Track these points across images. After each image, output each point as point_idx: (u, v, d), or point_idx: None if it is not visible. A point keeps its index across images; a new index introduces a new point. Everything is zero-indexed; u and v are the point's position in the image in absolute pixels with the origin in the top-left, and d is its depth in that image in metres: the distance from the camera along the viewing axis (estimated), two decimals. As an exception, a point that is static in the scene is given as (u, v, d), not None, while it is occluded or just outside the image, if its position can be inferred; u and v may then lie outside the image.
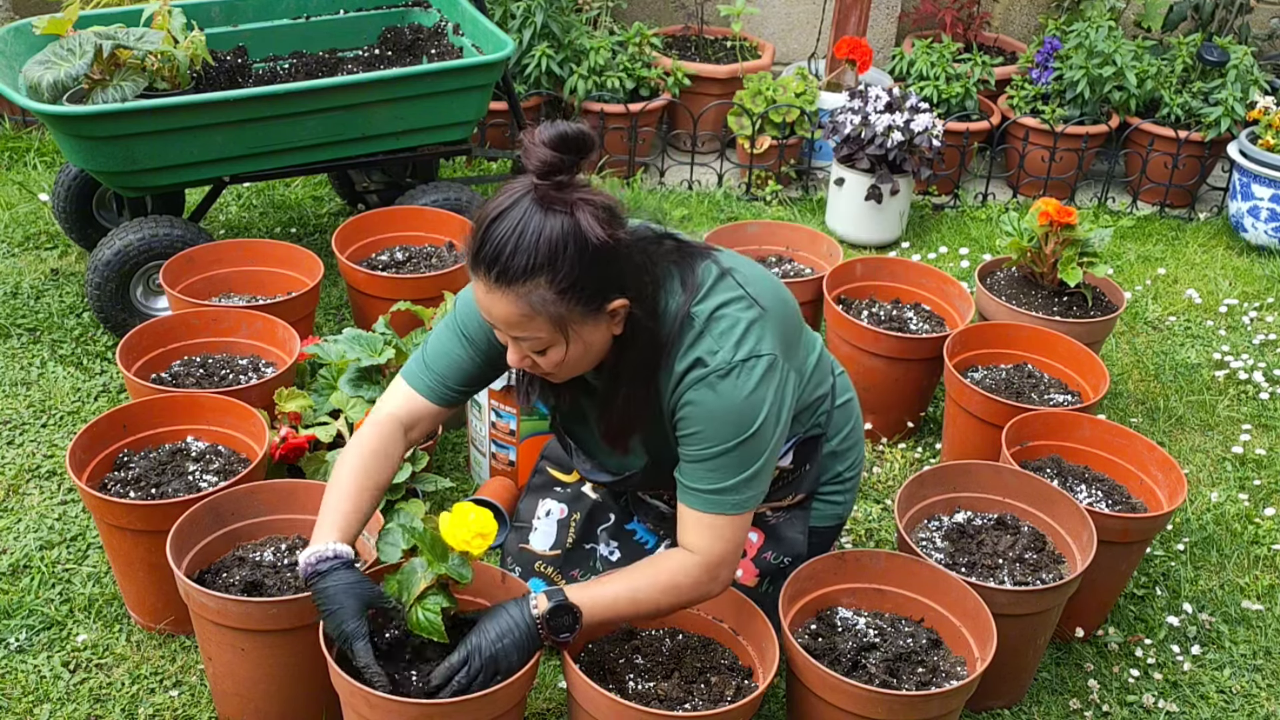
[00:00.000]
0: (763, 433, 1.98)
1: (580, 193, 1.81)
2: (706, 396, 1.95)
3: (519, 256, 1.79)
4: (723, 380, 1.94)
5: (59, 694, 2.35)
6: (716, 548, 2.02)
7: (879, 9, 4.98)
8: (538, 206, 1.79)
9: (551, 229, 1.78)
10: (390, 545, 2.04)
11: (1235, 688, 2.57)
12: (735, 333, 1.96)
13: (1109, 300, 3.38)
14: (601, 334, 1.92)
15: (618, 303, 1.88)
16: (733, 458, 1.98)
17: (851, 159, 4.14)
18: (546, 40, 4.48)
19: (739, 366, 1.94)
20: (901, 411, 3.23)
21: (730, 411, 1.95)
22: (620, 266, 1.85)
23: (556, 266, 1.79)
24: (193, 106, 3.12)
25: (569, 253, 1.79)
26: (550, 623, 1.99)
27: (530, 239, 1.78)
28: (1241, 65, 4.49)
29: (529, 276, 1.80)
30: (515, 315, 1.85)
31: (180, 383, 2.85)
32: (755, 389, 1.95)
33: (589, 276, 1.82)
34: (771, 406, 1.98)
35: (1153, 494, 2.66)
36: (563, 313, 1.84)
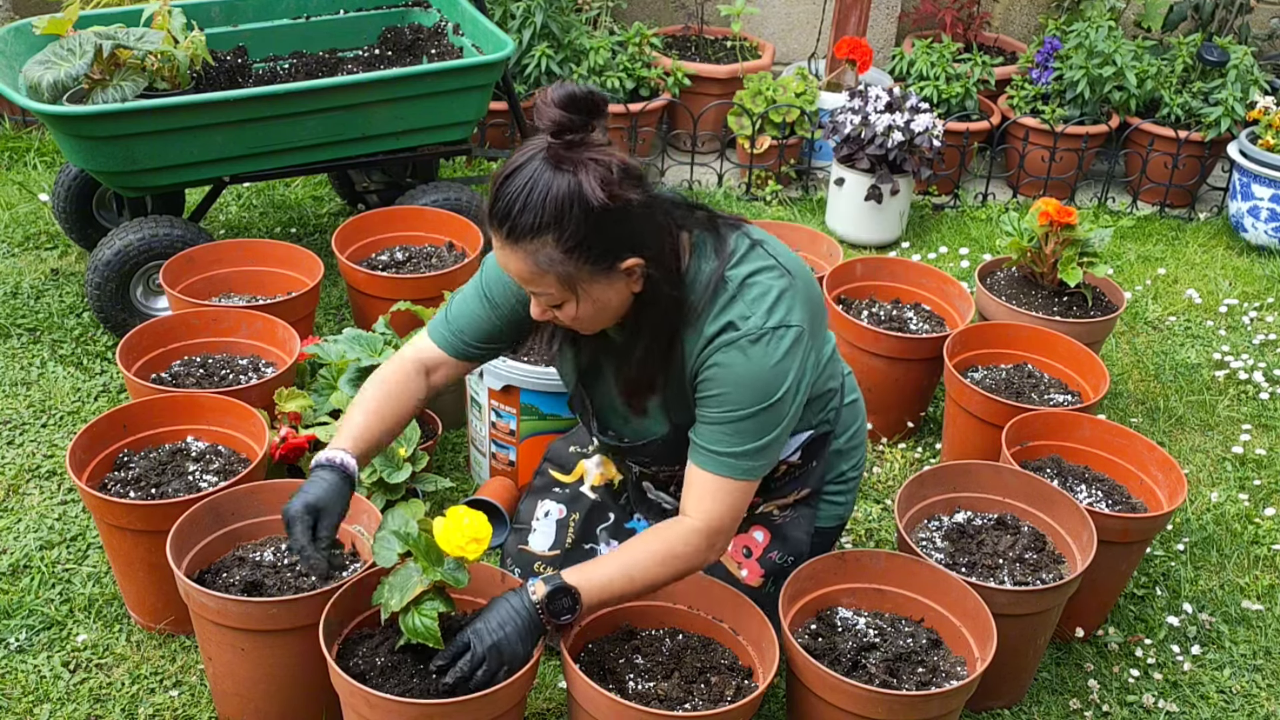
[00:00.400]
0: (783, 402, 2.00)
1: (593, 152, 1.83)
2: (735, 360, 1.97)
3: (526, 214, 1.82)
4: (753, 345, 1.97)
5: (59, 694, 2.35)
6: (718, 512, 2.03)
7: (879, 9, 4.98)
8: (548, 165, 1.82)
9: (558, 188, 1.81)
10: (385, 549, 2.03)
11: (1235, 688, 2.57)
12: (768, 299, 1.99)
13: (1109, 300, 3.38)
14: (617, 292, 1.94)
15: (630, 262, 1.89)
16: (752, 423, 2.00)
17: (851, 159, 4.14)
18: (546, 40, 4.48)
19: (770, 333, 1.97)
20: (901, 411, 3.23)
21: (756, 377, 1.97)
22: (632, 226, 1.87)
23: (563, 225, 1.82)
24: (193, 106, 3.12)
25: (574, 212, 1.81)
26: (549, 606, 1.98)
27: (537, 197, 1.81)
28: (1241, 65, 4.49)
29: (536, 234, 1.83)
30: (526, 271, 1.88)
31: (180, 383, 2.85)
32: (783, 358, 1.98)
33: (596, 236, 1.84)
34: (794, 378, 2.01)
35: (1153, 494, 2.66)
36: (571, 271, 1.86)
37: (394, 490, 2.64)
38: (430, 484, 2.72)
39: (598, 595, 2.01)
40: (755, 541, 2.37)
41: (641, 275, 1.93)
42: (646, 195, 1.89)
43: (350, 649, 2.11)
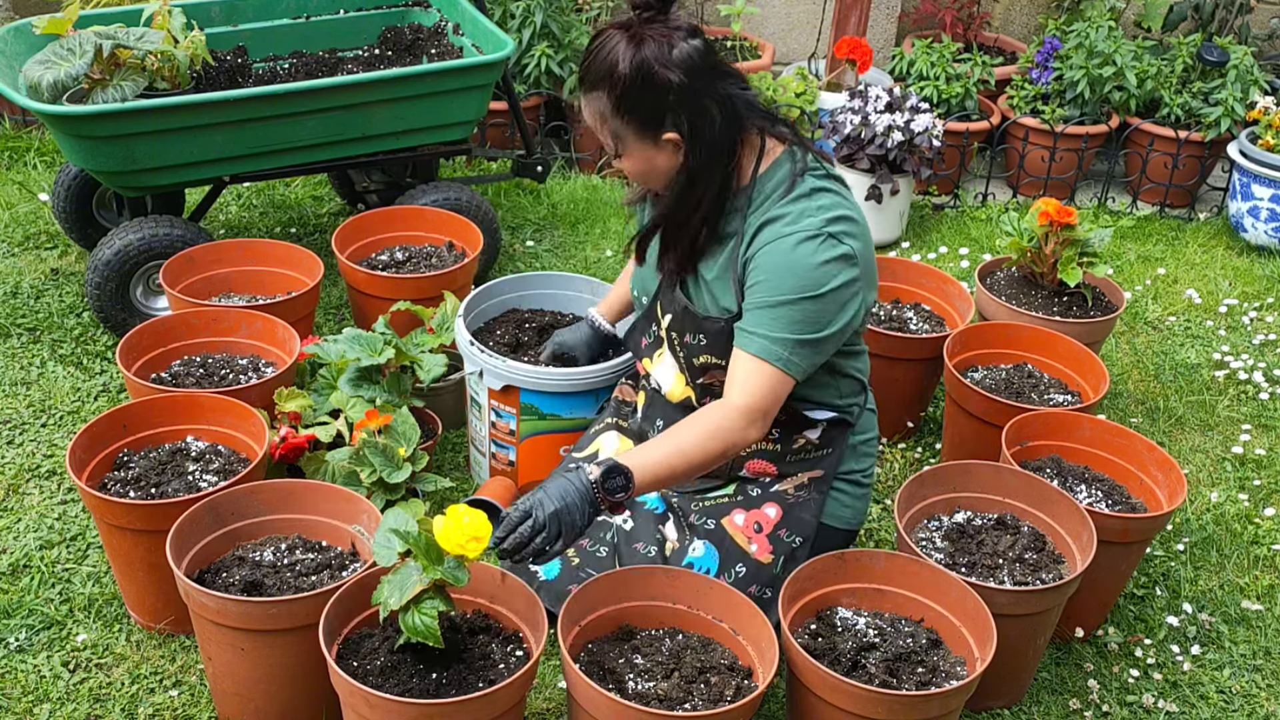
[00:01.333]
0: (825, 304, 2.14)
1: (660, 31, 2.09)
2: (783, 249, 2.15)
3: (590, 68, 2.14)
4: (803, 242, 2.14)
5: (59, 694, 2.35)
6: (758, 393, 2.18)
7: (879, 9, 4.98)
8: (620, 31, 2.11)
9: (613, 52, 2.10)
10: (385, 548, 2.03)
11: (1235, 688, 2.57)
12: (833, 212, 2.17)
13: (1109, 300, 3.38)
14: (664, 159, 2.18)
15: (669, 135, 2.14)
16: (795, 310, 2.15)
17: (851, 159, 4.14)
18: (546, 40, 4.48)
19: (823, 237, 2.14)
20: (901, 411, 3.23)
21: (798, 269, 2.13)
22: (673, 103, 2.11)
23: (610, 85, 2.10)
24: (193, 106, 3.12)
25: (616, 76, 2.09)
26: (604, 484, 2.09)
27: (602, 56, 2.11)
28: (1241, 65, 4.49)
29: (593, 88, 2.14)
30: (590, 117, 2.19)
31: (180, 382, 2.85)
32: (827, 263, 2.13)
33: (636, 102, 2.11)
34: (839, 289, 2.15)
35: (1153, 494, 2.66)
36: (618, 127, 2.15)
37: (394, 490, 2.64)
38: (430, 484, 2.72)
39: (651, 472, 2.14)
40: (767, 517, 2.41)
41: (682, 151, 2.15)
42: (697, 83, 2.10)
43: (350, 649, 2.11)
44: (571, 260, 3.97)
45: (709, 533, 2.40)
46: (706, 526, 2.41)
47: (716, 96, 2.14)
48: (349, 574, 2.28)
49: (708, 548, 2.39)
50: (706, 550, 2.38)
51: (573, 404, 2.76)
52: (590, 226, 4.17)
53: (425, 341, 2.94)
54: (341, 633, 2.14)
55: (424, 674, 2.04)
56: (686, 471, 2.19)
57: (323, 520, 2.42)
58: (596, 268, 3.92)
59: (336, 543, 2.40)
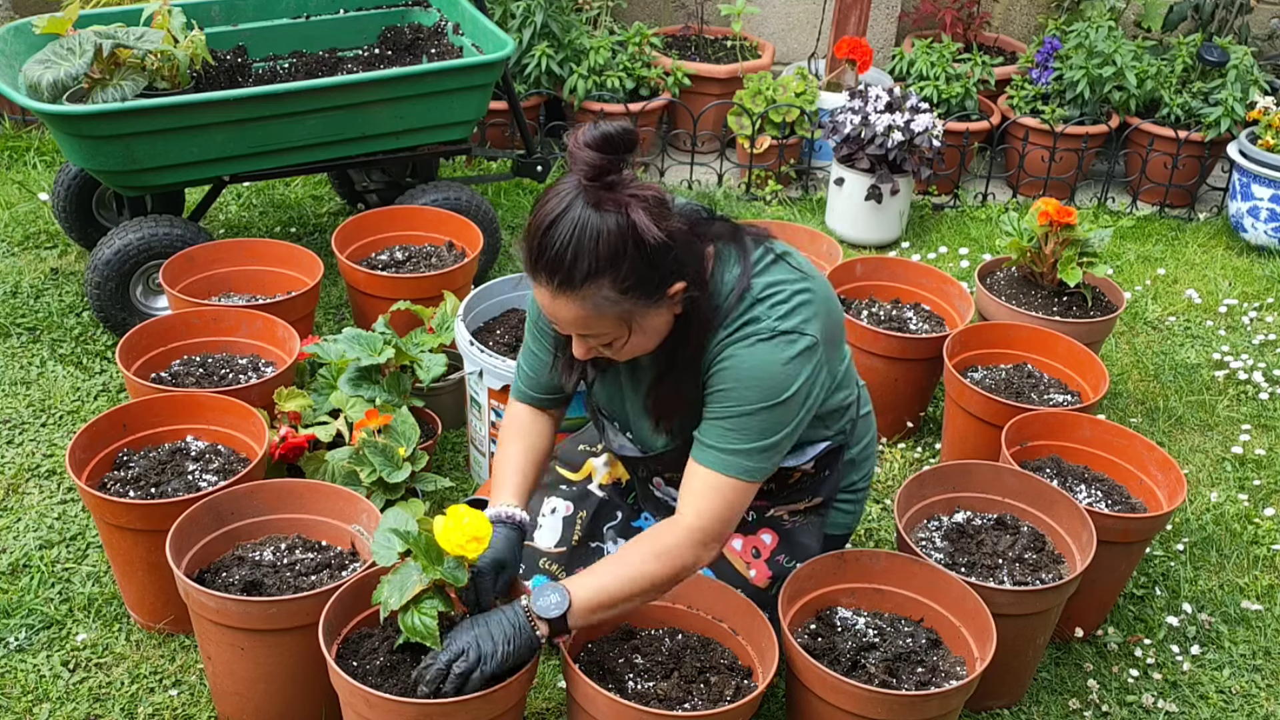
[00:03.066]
0: (789, 405, 2.00)
1: (630, 189, 1.84)
2: (744, 355, 1.97)
3: (581, 261, 1.82)
4: (763, 344, 1.97)
5: (58, 693, 2.35)
6: (715, 510, 2.01)
7: (879, 9, 4.98)
8: (591, 209, 1.81)
9: (609, 231, 1.81)
10: (385, 548, 2.03)
11: (1235, 688, 2.57)
12: (786, 306, 2.00)
13: (1109, 300, 3.38)
14: (664, 318, 1.96)
15: (677, 287, 1.91)
16: (755, 421, 1.99)
17: (851, 159, 4.14)
18: (546, 40, 4.48)
19: (781, 336, 1.98)
20: (901, 411, 3.23)
21: (763, 375, 1.97)
22: (677, 254, 1.88)
23: (618, 266, 1.83)
24: (192, 106, 3.12)
25: (629, 252, 1.82)
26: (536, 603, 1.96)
27: (590, 243, 1.81)
28: (1241, 65, 4.49)
29: (591, 279, 1.83)
30: (581, 317, 1.89)
31: (180, 382, 2.85)
32: (792, 360, 1.98)
33: (651, 270, 1.85)
34: (804, 384, 2.01)
35: (1152, 494, 2.66)
36: (628, 308, 1.89)
37: (394, 490, 2.64)
38: (430, 483, 2.72)
39: (588, 592, 1.98)
40: (763, 544, 2.37)
41: (683, 297, 1.95)
42: (681, 219, 1.91)
43: (350, 649, 2.11)
44: (571, 260, 3.96)
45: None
46: None
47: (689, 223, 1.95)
48: (349, 574, 2.28)
49: (704, 571, 2.36)
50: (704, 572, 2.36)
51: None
52: (590, 226, 4.16)
53: (425, 341, 2.94)
54: (341, 632, 2.14)
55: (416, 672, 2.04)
56: (630, 594, 2.01)
57: (322, 520, 2.42)
58: (596, 267, 3.91)
59: (336, 542, 2.40)
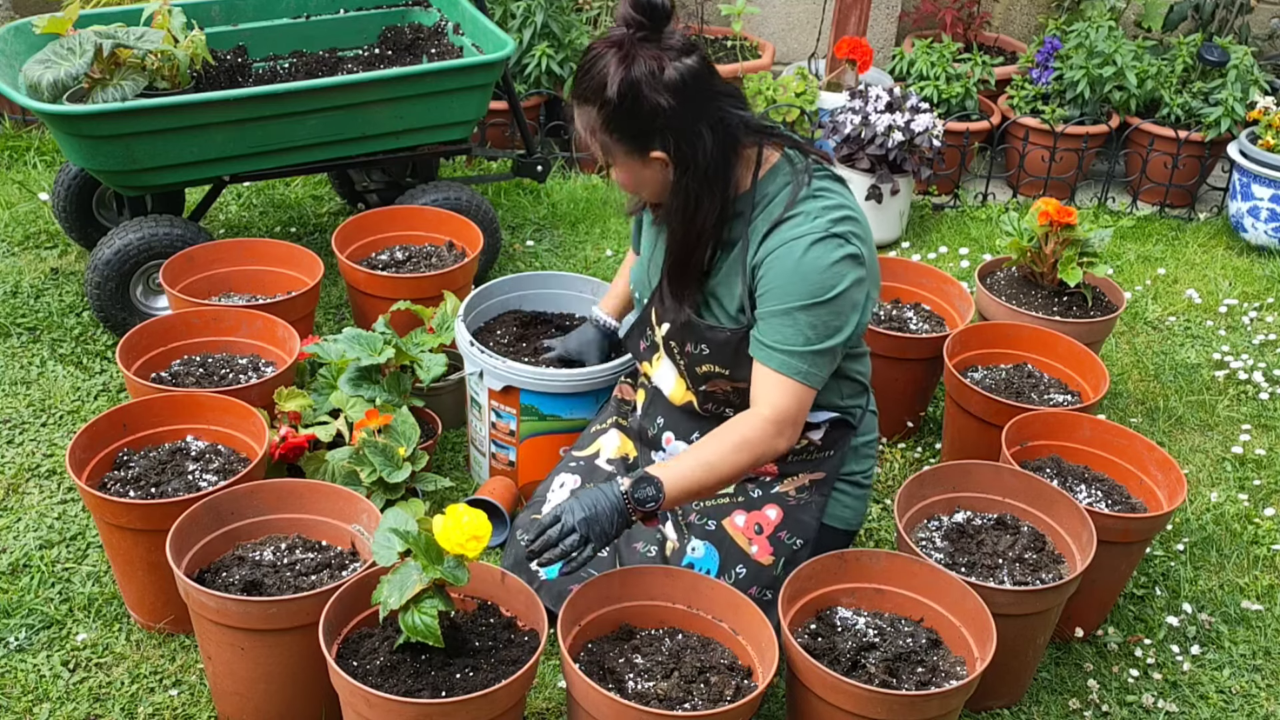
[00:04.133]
0: (837, 306, 2.15)
1: (653, 51, 2.05)
2: (792, 254, 2.14)
3: (581, 83, 2.12)
4: (812, 246, 2.13)
5: (58, 693, 2.35)
6: (784, 404, 2.18)
7: (879, 9, 4.98)
8: (615, 50, 2.07)
9: (604, 70, 2.07)
10: (385, 547, 2.04)
11: (1235, 688, 2.57)
12: (837, 212, 2.17)
13: (1109, 300, 3.38)
14: (651, 174, 2.16)
15: (656, 153, 2.11)
16: (807, 316, 2.15)
17: (852, 159, 4.14)
18: (547, 40, 4.48)
19: (830, 238, 2.14)
20: (901, 411, 3.23)
21: (810, 273, 2.13)
22: (661, 125, 2.08)
23: (600, 102, 2.08)
24: (193, 106, 3.12)
25: (609, 94, 2.06)
26: (634, 494, 2.11)
27: (594, 72, 2.08)
28: (1242, 65, 4.49)
29: (584, 102, 2.12)
30: (581, 127, 2.17)
31: (180, 382, 2.85)
32: (837, 264, 2.13)
33: (625, 121, 2.09)
34: (849, 290, 2.15)
35: (1152, 494, 2.66)
36: (607, 141, 2.14)
37: (394, 490, 2.64)
38: (430, 484, 2.72)
39: (680, 484, 2.14)
40: (767, 519, 2.41)
41: (670, 169, 2.13)
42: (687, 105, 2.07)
43: (350, 648, 2.11)
44: (571, 260, 3.97)
45: (709, 533, 2.40)
46: (707, 527, 2.41)
47: (709, 118, 2.11)
48: (349, 574, 2.28)
49: (708, 548, 2.39)
50: (707, 551, 2.39)
51: (573, 404, 2.76)
52: (590, 226, 4.17)
53: (425, 341, 2.94)
54: (341, 632, 2.14)
55: (423, 673, 2.04)
56: (716, 484, 2.19)
57: (323, 520, 2.42)
58: (596, 268, 3.92)
59: (336, 542, 2.40)
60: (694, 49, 2.10)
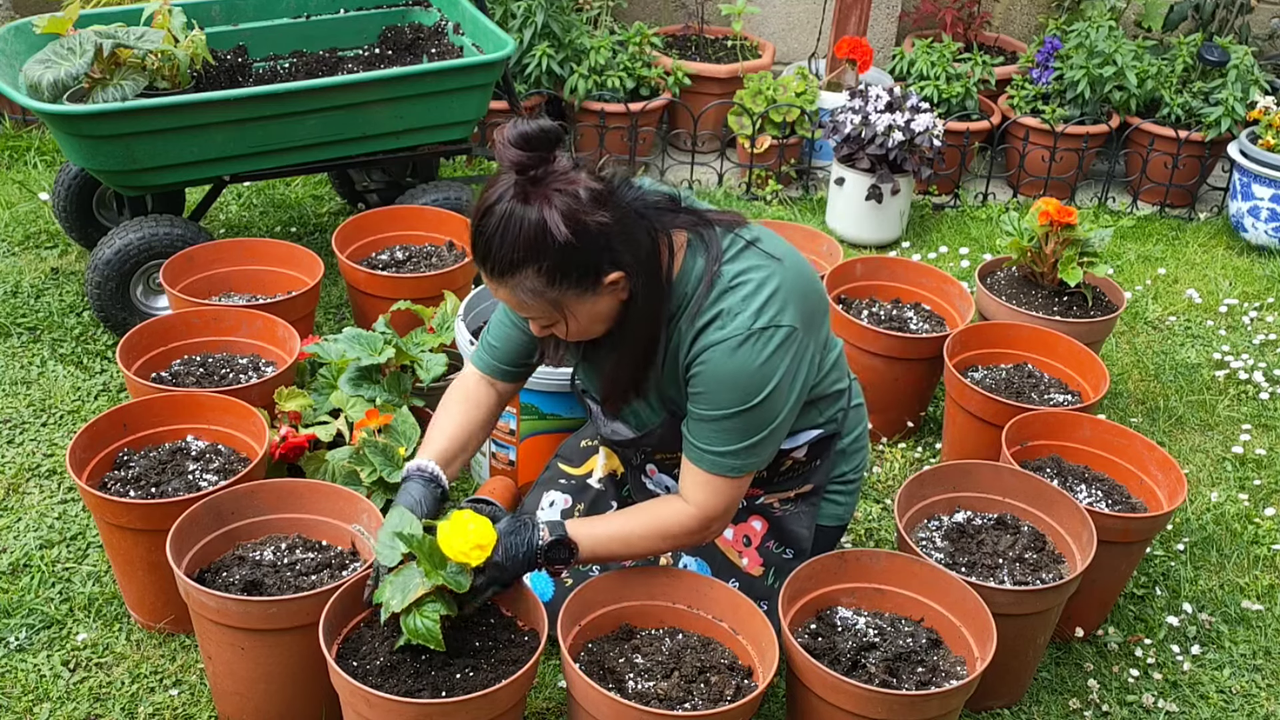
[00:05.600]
0: (770, 402, 2.05)
1: (558, 183, 1.89)
2: (721, 360, 2.02)
3: (504, 251, 1.90)
4: (740, 347, 2.01)
5: (59, 693, 2.35)
6: (712, 503, 2.13)
7: (879, 9, 4.98)
8: (519, 201, 1.89)
9: (530, 223, 1.88)
10: (388, 549, 2.03)
11: (1235, 688, 2.57)
12: (758, 298, 2.02)
13: (1109, 300, 3.38)
14: (605, 303, 2.01)
15: (613, 276, 1.96)
16: (738, 422, 2.05)
17: (852, 158, 4.14)
18: (547, 40, 4.48)
19: (757, 334, 2.01)
20: (901, 411, 3.23)
21: (740, 378, 2.02)
22: (607, 244, 1.93)
23: (540, 257, 1.90)
24: (193, 106, 3.12)
25: (548, 243, 1.88)
26: (548, 554, 2.10)
27: (513, 234, 1.89)
28: (1242, 65, 4.49)
29: (516, 269, 1.91)
30: (514, 302, 1.99)
31: (180, 382, 2.85)
32: (769, 359, 2.02)
33: (573, 262, 1.91)
34: (784, 377, 2.04)
35: (1153, 494, 2.66)
36: (556, 296, 1.95)
37: (394, 490, 2.64)
38: (430, 483, 2.71)
39: (593, 551, 2.14)
40: (754, 530, 2.40)
41: (626, 285, 1.99)
42: (617, 213, 1.94)
43: (350, 648, 2.11)
44: (572, 260, 3.96)
45: (699, 549, 2.39)
46: None
47: (631, 216, 1.97)
48: (349, 574, 2.28)
49: (698, 563, 2.38)
50: (697, 566, 2.38)
51: (573, 403, 2.75)
52: (590, 226, 4.16)
53: (425, 341, 2.94)
54: (341, 632, 2.14)
55: (424, 673, 2.04)
56: (629, 558, 2.22)
57: (323, 520, 2.42)
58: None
59: (336, 542, 2.40)
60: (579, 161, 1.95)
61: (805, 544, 2.39)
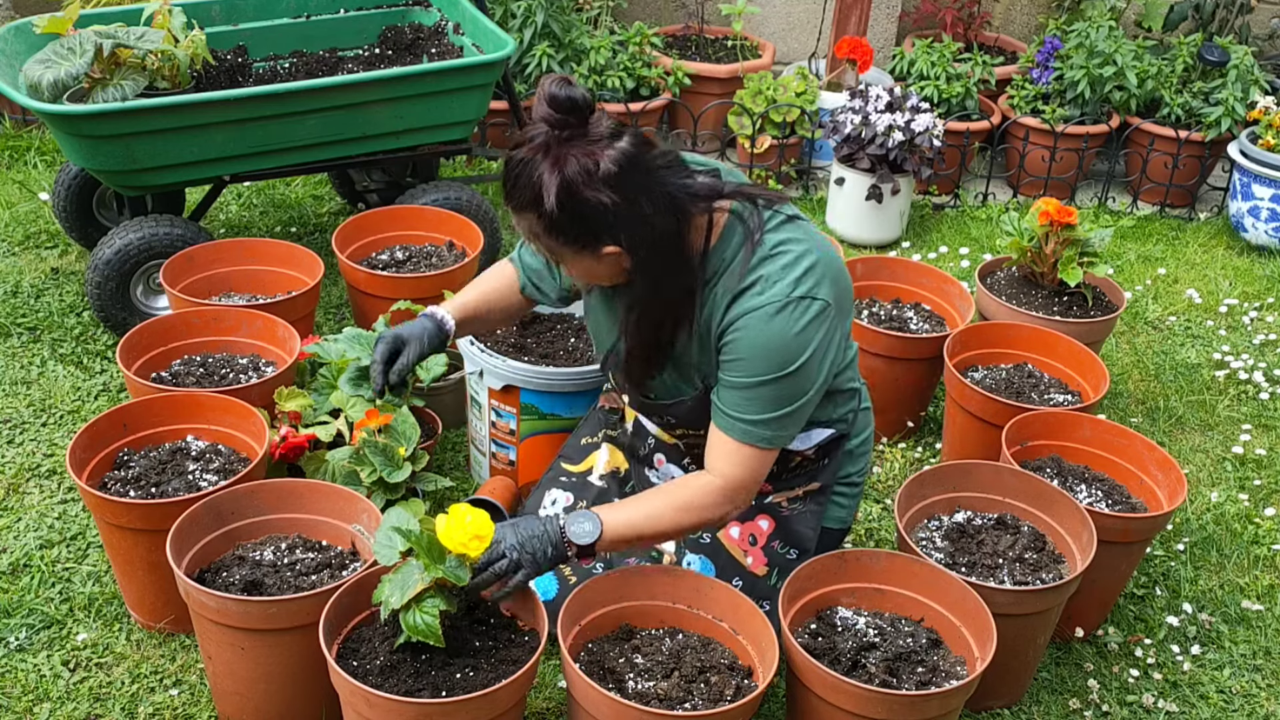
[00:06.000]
0: (804, 373, 2.06)
1: (583, 148, 1.92)
2: (757, 327, 2.03)
3: (516, 192, 1.98)
4: (777, 315, 2.03)
5: (59, 693, 2.35)
6: (739, 474, 2.12)
7: (879, 9, 4.98)
8: (540, 153, 1.95)
9: (533, 179, 1.94)
10: (387, 546, 2.04)
11: (1235, 688, 2.57)
12: (797, 269, 2.05)
13: (1109, 300, 3.38)
14: (605, 267, 2.05)
15: (610, 249, 2.00)
16: (771, 390, 2.06)
17: (852, 158, 4.14)
18: (547, 40, 4.48)
19: (795, 303, 2.03)
20: (901, 411, 3.23)
21: (777, 345, 2.03)
22: (607, 220, 1.95)
23: (540, 208, 1.95)
24: (193, 106, 3.12)
25: (549, 199, 1.93)
26: (571, 526, 2.08)
27: (525, 179, 1.96)
28: (1242, 65, 4.49)
29: (521, 211, 2.00)
30: (524, 233, 2.06)
31: (180, 382, 2.85)
32: (805, 328, 2.03)
33: (568, 225, 1.97)
34: (818, 349, 2.06)
35: (1153, 494, 2.66)
36: (553, 245, 2.02)
37: (394, 489, 2.64)
38: (430, 483, 2.71)
39: (619, 529, 2.11)
40: (760, 530, 2.40)
41: (626, 259, 2.02)
42: (630, 193, 1.95)
43: (350, 648, 2.11)
44: (572, 260, 3.96)
45: (703, 546, 2.40)
46: (702, 540, 2.40)
47: (652, 197, 1.98)
48: (349, 573, 2.28)
49: (703, 562, 2.39)
50: (702, 564, 2.38)
51: (573, 403, 2.76)
52: (590, 226, 4.16)
53: (425, 341, 2.93)
54: (341, 632, 2.14)
55: (424, 673, 2.04)
56: (655, 538, 2.17)
57: (323, 520, 2.42)
58: (597, 267, 3.91)
59: (336, 542, 2.40)
60: (623, 131, 1.96)
61: (810, 544, 2.40)
